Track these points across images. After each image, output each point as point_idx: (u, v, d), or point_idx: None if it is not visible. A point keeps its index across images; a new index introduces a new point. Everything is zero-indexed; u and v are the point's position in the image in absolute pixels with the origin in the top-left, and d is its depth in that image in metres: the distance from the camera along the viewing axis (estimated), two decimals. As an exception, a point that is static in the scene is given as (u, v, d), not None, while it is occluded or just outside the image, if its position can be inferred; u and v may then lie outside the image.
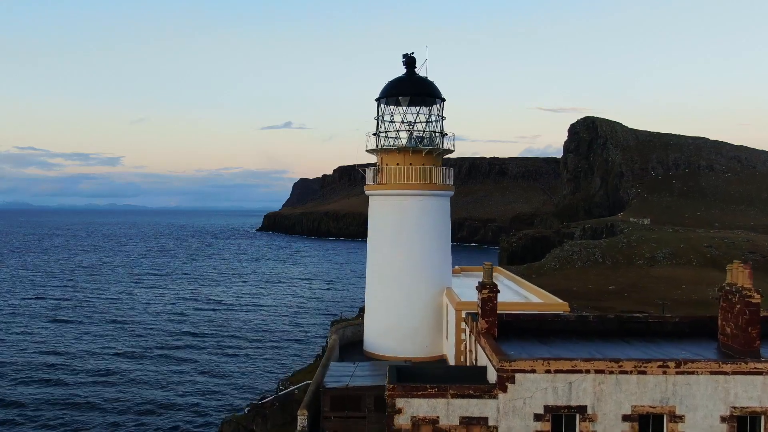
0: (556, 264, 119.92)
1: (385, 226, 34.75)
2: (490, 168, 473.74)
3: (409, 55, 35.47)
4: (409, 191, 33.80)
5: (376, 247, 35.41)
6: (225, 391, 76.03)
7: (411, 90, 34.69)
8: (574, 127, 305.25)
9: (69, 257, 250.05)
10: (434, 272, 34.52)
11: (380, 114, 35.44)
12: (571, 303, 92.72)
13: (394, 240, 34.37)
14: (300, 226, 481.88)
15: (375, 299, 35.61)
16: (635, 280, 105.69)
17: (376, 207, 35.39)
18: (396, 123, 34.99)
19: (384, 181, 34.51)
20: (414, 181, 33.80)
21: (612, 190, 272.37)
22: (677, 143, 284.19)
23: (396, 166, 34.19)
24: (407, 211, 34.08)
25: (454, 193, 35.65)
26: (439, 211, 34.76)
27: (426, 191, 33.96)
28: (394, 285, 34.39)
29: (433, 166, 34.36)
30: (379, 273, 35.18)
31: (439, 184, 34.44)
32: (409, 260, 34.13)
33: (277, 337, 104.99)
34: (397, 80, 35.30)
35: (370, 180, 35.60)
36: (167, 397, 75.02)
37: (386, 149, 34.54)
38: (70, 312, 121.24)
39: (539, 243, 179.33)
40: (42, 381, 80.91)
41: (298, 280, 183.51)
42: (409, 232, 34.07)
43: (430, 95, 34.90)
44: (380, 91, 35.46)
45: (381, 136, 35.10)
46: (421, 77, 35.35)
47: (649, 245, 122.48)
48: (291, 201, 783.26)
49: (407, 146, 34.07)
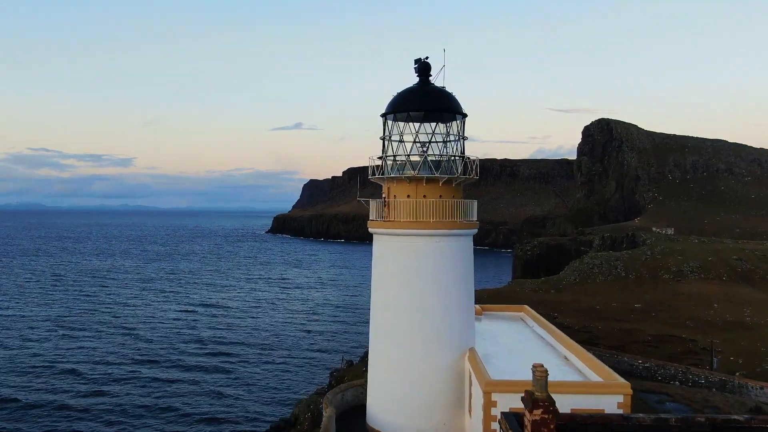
0: (576, 278, 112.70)
1: (393, 273, 27.98)
2: (501, 170, 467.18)
3: (423, 61, 28.74)
4: (422, 231, 27.06)
5: (382, 298, 28.63)
6: (231, 410, 72.71)
7: (425, 104, 27.95)
8: (588, 129, 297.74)
9: (79, 261, 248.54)
10: (454, 331, 27.73)
11: (387, 133, 28.71)
12: (597, 324, 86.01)
13: (404, 291, 27.63)
14: (309, 228, 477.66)
15: (380, 362, 28.84)
16: (662, 297, 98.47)
17: (382, 249, 28.57)
18: (406, 144, 28.26)
19: (391, 218, 27.78)
20: (429, 219, 27.06)
21: (628, 194, 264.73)
22: (695, 146, 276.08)
23: (406, 199, 27.48)
24: (421, 255, 27.32)
25: (477, 230, 28.88)
26: (461, 254, 27.98)
27: (444, 231, 27.20)
28: (404, 347, 27.64)
29: (453, 199, 27.62)
30: (385, 330, 28.43)
31: (461, 221, 27.67)
32: (422, 317, 27.41)
33: (288, 348, 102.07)
34: (408, 92, 28.55)
35: (375, 214, 28.86)
36: (173, 409, 72.46)
37: (394, 178, 27.84)
38: (78, 319, 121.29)
39: (554, 251, 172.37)
40: (49, 389, 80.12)
41: (308, 286, 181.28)
42: (423, 281, 27.34)
43: (448, 110, 28.16)
44: (387, 105, 28.73)
45: (388, 160, 28.38)
46: (437, 88, 28.59)
47: (675, 258, 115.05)
48: (301, 202, 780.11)
49: (420, 174, 27.34)
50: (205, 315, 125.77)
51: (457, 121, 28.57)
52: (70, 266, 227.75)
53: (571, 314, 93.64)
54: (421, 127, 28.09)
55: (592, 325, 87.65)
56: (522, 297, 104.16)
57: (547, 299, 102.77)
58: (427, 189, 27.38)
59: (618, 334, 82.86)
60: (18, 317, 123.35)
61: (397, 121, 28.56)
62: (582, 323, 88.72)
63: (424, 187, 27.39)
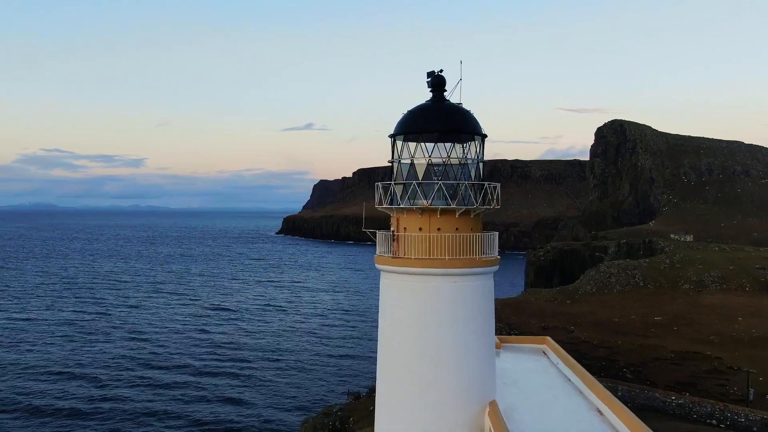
0: (593, 287, 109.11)
1: (403, 315, 24.56)
2: (512, 171, 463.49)
3: (437, 75, 25.31)
4: (436, 270, 23.61)
5: (390, 343, 25.21)
6: (240, 416, 72.22)
7: (439, 124, 24.52)
8: (601, 130, 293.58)
9: (91, 263, 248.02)
10: (473, 383, 24.28)
11: (396, 156, 25.33)
12: (616, 339, 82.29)
13: (416, 337, 24.21)
14: (319, 229, 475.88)
15: (389, 416, 25.44)
16: (683, 309, 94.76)
17: (390, 287, 25.13)
18: (418, 169, 24.83)
19: (401, 254, 24.38)
20: (444, 255, 23.64)
21: (642, 196, 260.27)
22: (710, 147, 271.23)
23: (418, 233, 24.07)
24: (435, 297, 23.89)
25: (499, 267, 25.43)
26: (481, 295, 24.52)
27: (461, 269, 23.74)
28: (416, 400, 24.21)
29: (472, 233, 24.20)
30: (393, 380, 25.00)
31: (480, 258, 24.23)
32: (436, 367, 23.98)
33: (299, 353, 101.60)
34: (420, 110, 25.14)
35: (382, 248, 25.48)
36: (183, 416, 72.54)
37: (404, 209, 24.44)
38: (89, 323, 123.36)
39: (568, 256, 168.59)
40: (61, 393, 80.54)
41: (319, 289, 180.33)
42: (438, 326, 23.91)
43: (465, 131, 24.76)
44: (396, 125, 25.35)
45: (397, 187, 24.99)
46: (453, 106, 25.17)
47: (695, 267, 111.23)
48: (311, 203, 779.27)
49: (434, 205, 23.94)
50: (217, 319, 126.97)
51: (476, 143, 25.13)
52: (82, 268, 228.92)
53: (589, 327, 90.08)
54: (434, 150, 24.63)
55: (611, 340, 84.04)
56: (537, 307, 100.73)
57: (563, 310, 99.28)
58: (442, 221, 23.95)
59: (639, 350, 79.21)
60: (30, 320, 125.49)
61: (408, 143, 25.13)
62: (600, 338, 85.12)
63: (438, 219, 23.96)
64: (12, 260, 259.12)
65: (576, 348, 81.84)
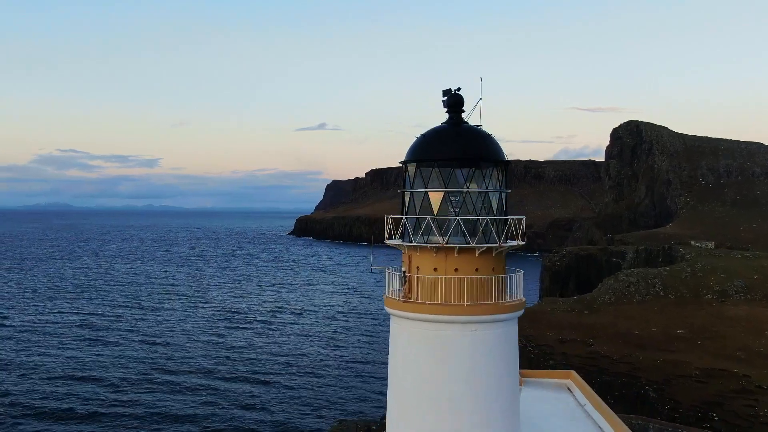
0: (611, 297, 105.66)
1: (415, 366, 21.76)
2: (526, 171, 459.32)
3: (454, 93, 22.51)
4: (453, 317, 20.85)
5: (401, 395, 22.41)
6: (252, 425, 71.39)
7: (456, 150, 21.75)
8: (616, 131, 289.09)
9: (104, 265, 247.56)
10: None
11: (409, 185, 22.55)
12: (637, 354, 79.06)
13: (430, 390, 21.42)
14: (332, 230, 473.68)
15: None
16: (706, 321, 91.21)
17: (401, 334, 22.30)
18: (433, 201, 22.04)
19: (413, 296, 21.61)
20: (462, 301, 20.86)
21: (658, 198, 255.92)
22: (729, 148, 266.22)
23: (433, 274, 21.29)
24: (451, 347, 21.09)
25: (524, 311, 22.59)
26: (503, 344, 21.68)
27: (482, 317, 20.97)
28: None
29: (493, 275, 21.38)
30: (404, 423, 22.22)
31: (504, 303, 21.40)
32: (453, 416, 21.22)
33: (315, 360, 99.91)
34: (435, 135, 22.34)
35: (392, 290, 22.69)
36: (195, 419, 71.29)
37: (417, 246, 21.64)
38: (103, 327, 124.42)
39: (584, 262, 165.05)
40: (75, 396, 78.99)
41: (333, 292, 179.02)
42: (455, 379, 21.11)
43: (486, 159, 21.95)
44: (409, 150, 22.58)
45: (409, 222, 22.20)
46: (472, 129, 22.35)
47: (717, 276, 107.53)
48: (323, 203, 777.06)
49: (451, 243, 21.14)
50: (230, 322, 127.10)
51: (497, 171, 22.30)
52: (96, 270, 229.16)
53: (609, 340, 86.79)
54: (451, 179, 21.83)
55: (631, 354, 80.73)
56: (553, 319, 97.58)
57: (582, 322, 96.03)
58: (460, 261, 21.15)
59: (662, 366, 75.93)
60: (44, 323, 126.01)
61: (421, 168, 22.32)
62: (621, 352, 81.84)
63: (455, 259, 21.15)
64: (27, 261, 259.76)
65: (595, 363, 78.76)
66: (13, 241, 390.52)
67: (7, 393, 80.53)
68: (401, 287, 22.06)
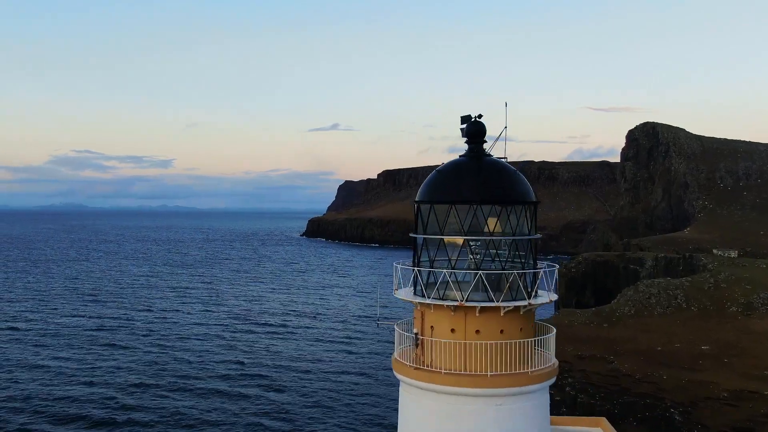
0: (631, 309, 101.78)
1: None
2: (540, 173, 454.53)
3: (474, 120, 19.25)
4: (475, 390, 17.62)
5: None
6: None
7: (478, 188, 18.49)
8: (632, 133, 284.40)
9: (117, 268, 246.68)
10: None
11: (422, 228, 19.30)
12: (661, 373, 75.44)
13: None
14: (344, 232, 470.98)
15: None
16: (732, 337, 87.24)
17: (413, 404, 19.04)
18: (450, 249, 18.77)
19: (426, 362, 18.38)
20: (486, 371, 17.60)
21: (675, 202, 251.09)
22: (748, 150, 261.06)
23: (450, 336, 18.05)
24: (472, 424, 17.87)
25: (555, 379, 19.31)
26: (534, 416, 18.46)
27: (509, 389, 17.71)
28: None
29: (521, 338, 18.10)
30: None
31: (534, 371, 18.12)
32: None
33: (330, 365, 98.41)
34: (454, 171, 19.04)
35: (401, 352, 19.43)
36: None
37: (431, 304, 18.39)
38: (115, 331, 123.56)
39: (601, 268, 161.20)
40: (87, 401, 77.66)
41: (346, 295, 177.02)
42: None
43: (512, 199, 18.68)
44: (421, 188, 19.33)
45: (422, 274, 18.93)
46: (496, 165, 19.05)
47: (742, 287, 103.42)
48: (335, 204, 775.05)
49: (471, 301, 17.88)
50: (244, 328, 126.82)
51: (524, 211, 19.00)
52: (109, 271, 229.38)
53: (630, 357, 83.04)
54: (471, 223, 18.57)
55: (655, 373, 76.93)
56: (571, 332, 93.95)
57: (601, 335, 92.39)
58: (482, 321, 17.88)
59: (688, 386, 72.09)
60: (57, 324, 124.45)
61: (436, 210, 19.05)
62: (643, 370, 78.06)
63: (476, 319, 17.89)
64: (41, 263, 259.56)
65: (617, 382, 75.16)
66: (28, 243, 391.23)
67: (20, 396, 79.89)
68: (413, 347, 18.85)
